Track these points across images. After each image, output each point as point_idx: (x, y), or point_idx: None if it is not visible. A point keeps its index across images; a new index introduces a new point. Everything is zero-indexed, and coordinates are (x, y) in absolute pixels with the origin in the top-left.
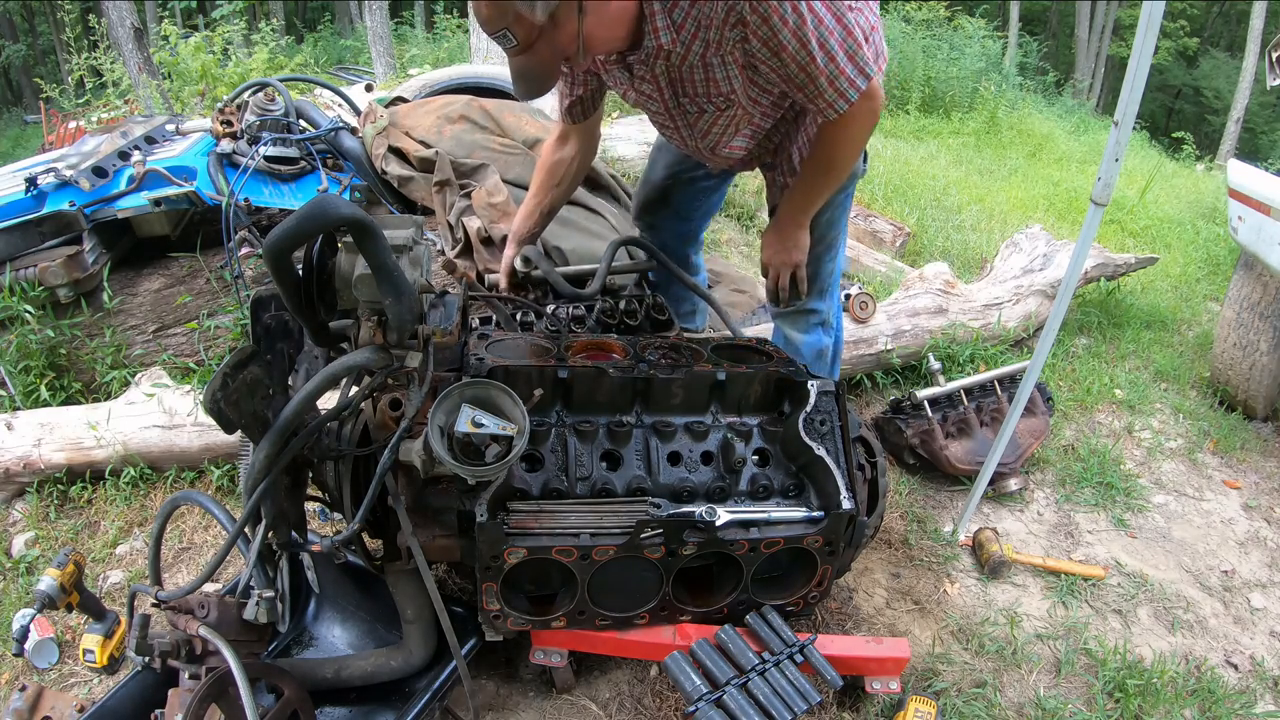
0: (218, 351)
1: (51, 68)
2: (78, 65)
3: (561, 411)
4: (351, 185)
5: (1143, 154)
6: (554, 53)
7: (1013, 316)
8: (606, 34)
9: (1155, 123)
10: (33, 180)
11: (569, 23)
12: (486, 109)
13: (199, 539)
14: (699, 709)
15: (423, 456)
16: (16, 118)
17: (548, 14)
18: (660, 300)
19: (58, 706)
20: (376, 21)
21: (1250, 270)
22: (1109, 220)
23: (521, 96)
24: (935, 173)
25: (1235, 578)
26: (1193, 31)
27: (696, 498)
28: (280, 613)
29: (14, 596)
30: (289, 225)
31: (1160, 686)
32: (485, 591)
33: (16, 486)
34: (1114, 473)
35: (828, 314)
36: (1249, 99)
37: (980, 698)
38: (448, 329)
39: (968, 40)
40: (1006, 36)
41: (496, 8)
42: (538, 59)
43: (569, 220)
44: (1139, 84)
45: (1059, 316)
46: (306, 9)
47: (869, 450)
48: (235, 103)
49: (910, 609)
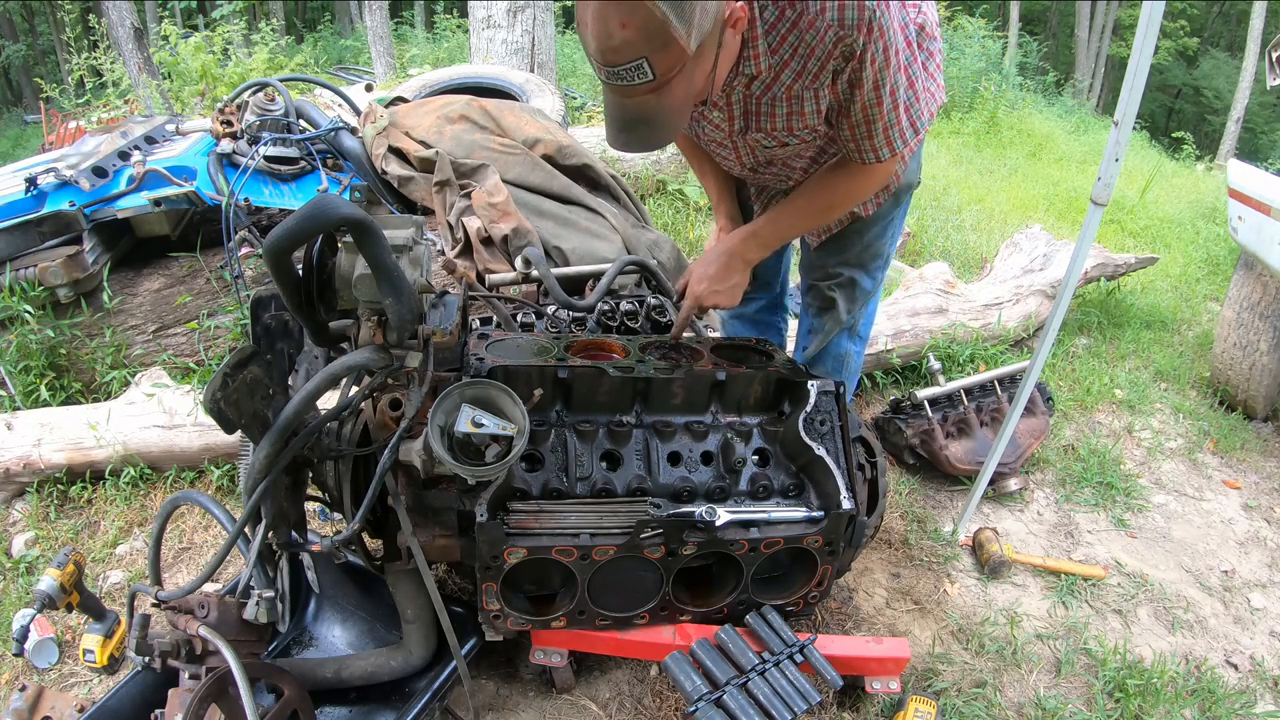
0: (218, 351)
1: (51, 68)
2: (78, 65)
3: (561, 411)
4: (351, 185)
5: (1143, 154)
6: (688, 92)
7: (1013, 316)
8: (727, 66)
9: (1155, 123)
10: (33, 180)
11: (709, 56)
12: (486, 109)
13: (199, 539)
14: (699, 709)
15: (423, 456)
16: (16, 118)
17: (700, 42)
18: (660, 301)
19: (58, 706)
20: (376, 21)
21: (1250, 270)
22: (1109, 220)
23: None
24: (935, 173)
25: (1235, 578)
26: (1193, 31)
27: (696, 498)
28: (280, 613)
29: (14, 596)
30: (289, 225)
31: (1160, 686)
32: (485, 591)
33: (16, 486)
34: (1114, 473)
35: (858, 322)
36: (1249, 99)
37: (980, 698)
38: (448, 329)
39: (968, 40)
40: (1006, 36)
41: (642, 31)
42: (670, 100)
43: (570, 220)
44: (1139, 84)
45: (1059, 316)
46: (306, 9)
47: (869, 450)
48: (235, 103)
49: (910, 609)
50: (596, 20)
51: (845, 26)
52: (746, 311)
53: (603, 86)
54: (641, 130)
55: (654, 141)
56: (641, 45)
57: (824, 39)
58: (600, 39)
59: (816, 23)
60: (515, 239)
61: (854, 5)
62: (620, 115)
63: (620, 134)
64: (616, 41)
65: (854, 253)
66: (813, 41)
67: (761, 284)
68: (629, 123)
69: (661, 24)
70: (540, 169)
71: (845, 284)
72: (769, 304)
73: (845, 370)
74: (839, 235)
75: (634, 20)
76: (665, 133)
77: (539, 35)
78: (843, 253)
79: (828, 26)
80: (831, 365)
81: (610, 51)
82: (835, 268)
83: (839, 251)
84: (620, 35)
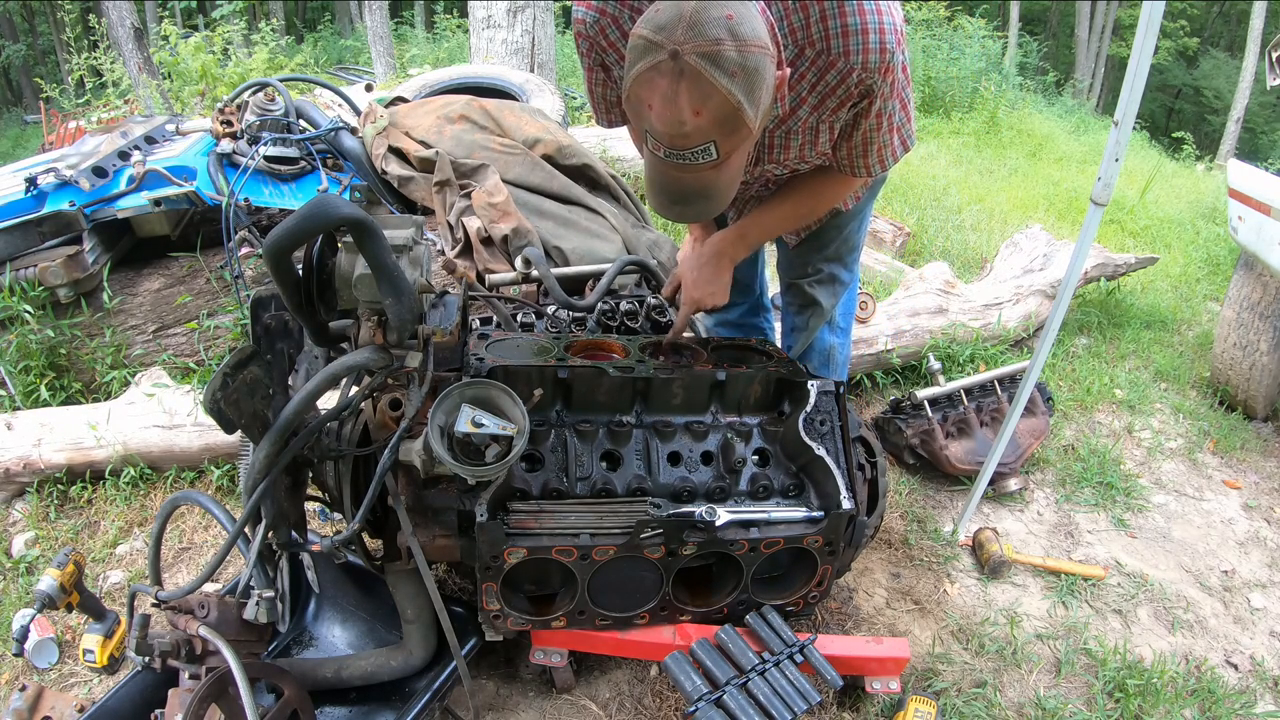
0: (218, 351)
1: (51, 68)
2: (78, 65)
3: (561, 411)
4: (351, 185)
5: (1143, 154)
6: (742, 162)
7: (1013, 316)
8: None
9: (1155, 123)
10: (33, 180)
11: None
12: (486, 109)
13: (199, 539)
14: (699, 709)
15: (423, 456)
16: (16, 118)
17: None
18: (660, 301)
19: (58, 706)
20: (376, 21)
21: (1250, 270)
22: (1109, 220)
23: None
24: (935, 173)
25: (1235, 578)
26: (1193, 31)
27: (696, 498)
28: (280, 613)
29: (14, 596)
30: (289, 225)
31: (1160, 686)
32: (485, 591)
33: (16, 486)
34: (1114, 473)
35: (836, 315)
36: (1249, 99)
37: (980, 698)
38: (448, 329)
39: (968, 40)
40: (1006, 36)
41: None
42: (729, 173)
43: (570, 220)
44: (1139, 84)
45: (1059, 316)
46: (306, 9)
47: (869, 450)
48: (235, 103)
49: (910, 609)
50: (666, 104)
51: (869, 70)
52: (730, 317)
53: (650, 156)
54: (699, 204)
55: (710, 212)
56: (712, 130)
57: (847, 81)
58: (669, 125)
59: (839, 64)
60: (515, 239)
61: (877, 51)
62: (676, 189)
63: (674, 206)
64: (689, 129)
65: (833, 248)
66: (834, 81)
67: (741, 287)
68: (685, 196)
69: (735, 110)
70: (540, 169)
71: (826, 279)
72: (751, 307)
73: (832, 364)
74: (818, 232)
75: (708, 108)
76: (722, 204)
77: (539, 35)
78: (823, 249)
79: (851, 69)
80: (818, 361)
81: (680, 137)
82: (816, 264)
83: (820, 248)
84: (693, 123)
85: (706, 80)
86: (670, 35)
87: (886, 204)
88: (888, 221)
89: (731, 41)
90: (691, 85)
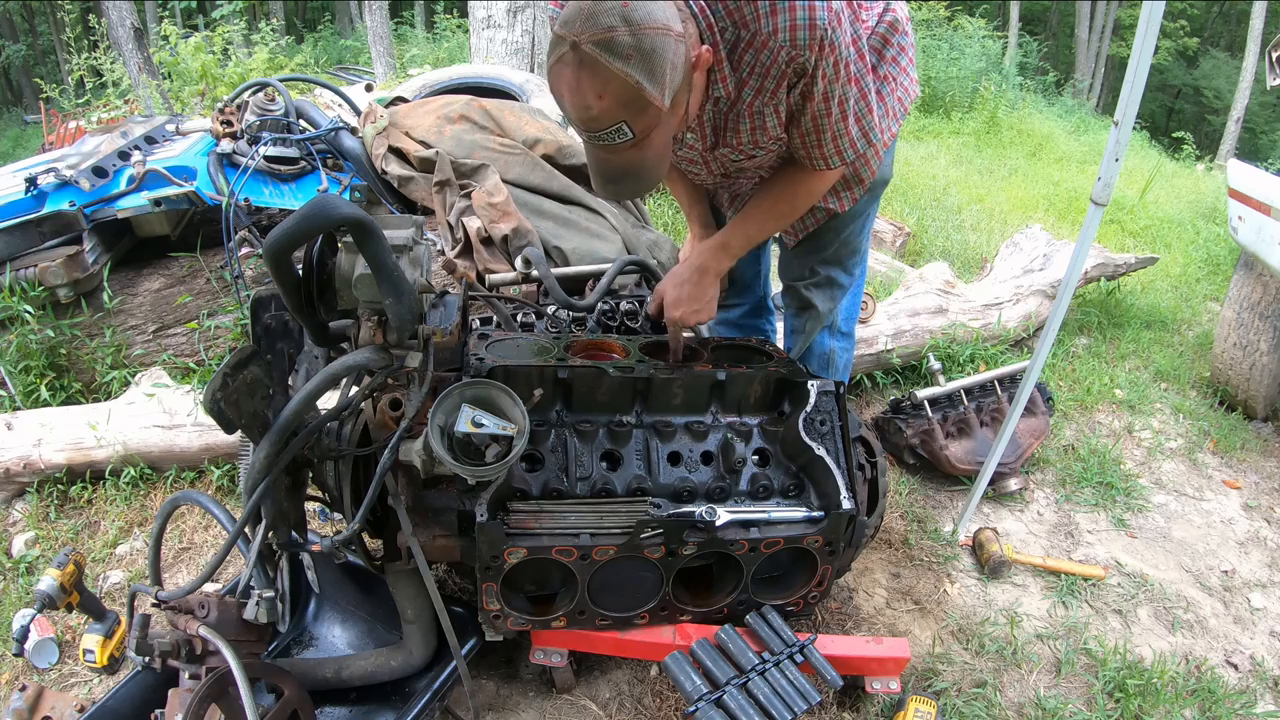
0: (218, 351)
1: (51, 68)
2: (78, 65)
3: (561, 411)
4: (351, 185)
5: (1143, 154)
6: (666, 140)
7: (1013, 316)
8: (698, 102)
9: (1155, 123)
10: (33, 180)
11: (681, 103)
12: (486, 109)
13: (199, 539)
14: (699, 709)
15: (423, 456)
16: (16, 118)
17: (672, 96)
18: None
19: (58, 706)
20: (376, 21)
21: (1250, 270)
22: (1109, 220)
23: (621, 197)
24: (935, 173)
25: (1235, 578)
26: (1193, 31)
27: (696, 498)
28: (280, 613)
29: (14, 596)
30: (289, 225)
31: (1160, 686)
32: (485, 591)
33: (16, 486)
34: (1114, 473)
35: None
36: (1249, 99)
37: (980, 698)
38: (448, 329)
39: (968, 40)
40: (1006, 36)
41: (618, 100)
42: (650, 151)
43: (570, 220)
44: (1139, 84)
45: (1059, 316)
46: (306, 9)
47: (869, 450)
48: (235, 103)
49: (910, 609)
50: (572, 91)
51: (797, 46)
52: (730, 317)
53: (583, 141)
54: (628, 182)
55: (641, 189)
56: (619, 112)
57: (778, 58)
58: (578, 109)
59: (769, 43)
60: (515, 239)
61: (805, 27)
62: (606, 169)
63: (608, 185)
64: (595, 111)
65: (831, 250)
66: (768, 61)
67: (741, 287)
68: (615, 175)
69: (636, 91)
70: (540, 169)
71: (823, 282)
72: (753, 308)
73: (831, 368)
74: (816, 233)
75: (609, 91)
76: (650, 180)
77: (539, 35)
78: (820, 251)
79: (780, 47)
80: (817, 364)
81: (590, 120)
82: (813, 266)
83: (817, 250)
84: (598, 105)
85: (603, 66)
86: (570, 29)
87: (886, 204)
88: (888, 221)
89: (625, 27)
90: (590, 73)
